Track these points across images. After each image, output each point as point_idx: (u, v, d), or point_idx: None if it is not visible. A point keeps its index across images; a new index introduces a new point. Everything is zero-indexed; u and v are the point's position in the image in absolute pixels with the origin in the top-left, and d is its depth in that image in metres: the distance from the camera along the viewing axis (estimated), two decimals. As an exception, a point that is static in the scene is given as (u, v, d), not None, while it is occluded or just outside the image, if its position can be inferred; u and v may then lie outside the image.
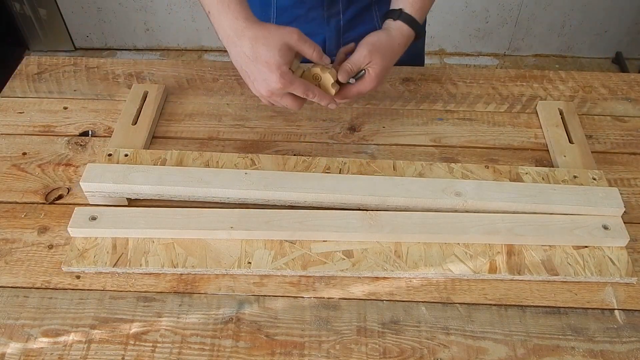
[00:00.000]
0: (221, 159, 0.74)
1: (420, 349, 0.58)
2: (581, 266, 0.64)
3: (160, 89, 0.86)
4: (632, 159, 0.79)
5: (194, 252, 0.65)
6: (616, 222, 0.66)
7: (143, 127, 0.80)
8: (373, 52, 0.71)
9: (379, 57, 0.71)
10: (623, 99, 0.89)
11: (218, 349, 0.57)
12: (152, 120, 0.81)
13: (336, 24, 0.93)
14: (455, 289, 0.63)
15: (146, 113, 0.82)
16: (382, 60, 0.71)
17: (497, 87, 0.91)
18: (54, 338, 0.58)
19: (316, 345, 0.58)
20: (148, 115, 0.82)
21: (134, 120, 0.81)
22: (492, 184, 0.70)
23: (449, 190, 0.68)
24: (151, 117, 0.81)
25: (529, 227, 0.66)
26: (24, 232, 0.68)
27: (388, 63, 0.73)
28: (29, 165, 0.76)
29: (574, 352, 0.58)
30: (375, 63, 0.71)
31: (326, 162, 0.74)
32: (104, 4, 2.21)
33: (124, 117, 0.81)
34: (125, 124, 0.80)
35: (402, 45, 0.74)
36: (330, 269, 0.63)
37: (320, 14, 0.92)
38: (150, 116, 0.81)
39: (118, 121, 0.81)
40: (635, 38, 2.26)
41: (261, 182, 0.69)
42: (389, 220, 0.66)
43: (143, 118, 0.81)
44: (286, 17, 0.93)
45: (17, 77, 0.91)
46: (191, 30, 2.30)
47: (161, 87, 0.87)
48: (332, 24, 0.93)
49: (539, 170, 0.73)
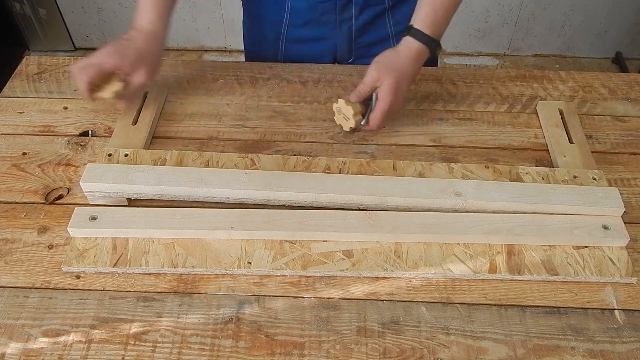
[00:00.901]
0: (221, 159, 0.74)
1: (420, 349, 0.58)
2: (581, 266, 0.64)
3: (160, 89, 0.86)
4: (632, 159, 0.79)
5: (194, 252, 0.65)
6: (616, 222, 0.66)
7: (143, 127, 0.80)
8: (380, 69, 0.74)
9: (387, 72, 0.74)
10: (623, 99, 0.89)
11: (218, 349, 0.57)
12: (152, 120, 0.81)
13: (348, 29, 0.93)
14: (455, 289, 0.63)
15: (146, 113, 0.82)
16: (391, 74, 0.73)
17: (497, 87, 0.91)
18: (54, 338, 0.58)
19: (316, 345, 0.58)
20: (148, 115, 0.82)
21: (134, 120, 0.81)
22: (492, 184, 0.70)
23: (449, 190, 0.68)
24: (151, 117, 0.81)
25: (529, 227, 0.66)
26: (24, 232, 0.68)
27: (398, 75, 0.74)
28: (29, 165, 0.76)
29: (574, 352, 0.58)
30: (385, 79, 0.74)
31: (326, 162, 0.74)
32: (104, 4, 2.21)
33: (124, 117, 0.81)
34: (125, 124, 0.80)
35: (410, 58, 0.75)
36: (330, 269, 0.63)
37: (332, 19, 0.92)
38: (150, 116, 0.81)
39: (118, 121, 0.81)
40: (635, 38, 2.26)
41: (261, 182, 0.69)
42: (389, 220, 0.66)
43: (143, 118, 0.81)
44: (299, 19, 0.93)
45: (17, 77, 0.91)
46: (191, 30, 2.30)
47: (162, 87, 0.87)
48: (344, 29, 0.93)
49: (539, 171, 0.73)
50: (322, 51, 0.97)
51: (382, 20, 0.93)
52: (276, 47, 0.98)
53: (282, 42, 0.97)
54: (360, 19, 0.92)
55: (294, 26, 0.94)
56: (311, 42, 0.97)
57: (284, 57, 1.00)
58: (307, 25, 0.94)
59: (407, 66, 0.75)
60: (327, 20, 0.92)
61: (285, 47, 0.98)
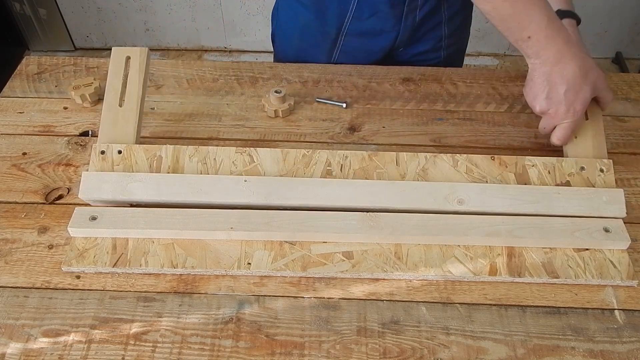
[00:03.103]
0: (218, 155, 0.72)
1: (420, 349, 0.58)
2: (582, 269, 0.64)
3: (143, 54, 0.76)
4: (632, 159, 0.79)
5: (193, 253, 0.65)
6: (617, 225, 0.66)
7: (132, 110, 0.73)
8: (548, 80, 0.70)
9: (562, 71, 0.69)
10: (623, 99, 0.89)
11: (218, 349, 0.57)
12: (139, 97, 0.73)
13: (412, 20, 0.93)
14: (456, 289, 0.63)
15: (132, 87, 0.74)
16: None
17: (497, 87, 0.91)
18: (54, 338, 0.58)
19: (316, 345, 0.58)
20: (135, 91, 0.74)
21: (120, 99, 0.73)
22: (496, 189, 0.68)
23: (451, 197, 0.68)
24: (138, 94, 0.73)
25: (529, 229, 0.65)
26: (24, 232, 0.68)
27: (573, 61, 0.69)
28: (29, 165, 0.76)
29: (574, 352, 0.58)
30: None
31: (327, 157, 0.72)
32: (104, 4, 2.21)
33: (109, 95, 0.74)
34: (112, 106, 0.73)
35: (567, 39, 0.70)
36: (330, 270, 0.63)
37: (400, 10, 0.91)
38: (137, 92, 0.73)
39: (104, 102, 0.74)
40: (635, 38, 2.26)
41: (261, 191, 0.68)
42: (389, 221, 0.66)
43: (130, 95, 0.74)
44: (366, 12, 0.92)
45: (17, 77, 0.91)
46: (191, 30, 2.30)
47: (144, 50, 0.76)
48: (409, 20, 0.93)
49: (545, 162, 0.72)
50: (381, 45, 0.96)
51: (438, 11, 0.94)
52: (335, 43, 0.97)
53: (342, 37, 0.96)
54: (424, 8, 0.92)
55: (357, 19, 0.93)
56: (370, 36, 0.95)
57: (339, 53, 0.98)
58: (373, 17, 0.93)
59: (573, 45, 0.70)
60: (395, 13, 0.91)
61: (344, 41, 0.96)
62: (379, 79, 0.91)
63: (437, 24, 0.96)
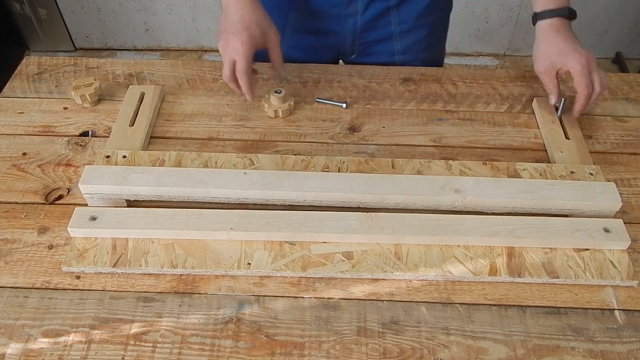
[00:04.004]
0: (220, 160, 0.74)
1: (420, 349, 0.58)
2: (582, 269, 0.64)
3: (157, 90, 0.86)
4: (632, 159, 0.79)
5: (193, 253, 0.65)
6: (617, 225, 0.66)
7: (140, 129, 0.80)
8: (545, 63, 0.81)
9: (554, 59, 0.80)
10: (623, 99, 0.89)
11: (218, 349, 0.57)
12: (149, 122, 0.81)
13: (353, 25, 0.93)
14: (455, 289, 0.63)
15: (143, 114, 0.82)
16: None
17: (497, 87, 0.91)
18: (54, 338, 0.58)
19: (316, 346, 0.58)
20: (145, 116, 0.82)
21: (131, 121, 0.81)
22: (491, 181, 0.69)
23: (447, 187, 0.68)
24: (148, 118, 0.81)
25: (529, 229, 0.65)
26: (24, 232, 0.68)
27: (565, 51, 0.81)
28: (29, 165, 0.76)
29: (574, 352, 0.58)
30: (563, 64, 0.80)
31: (325, 161, 0.74)
32: (104, 4, 2.21)
33: (121, 119, 0.81)
34: (122, 126, 0.80)
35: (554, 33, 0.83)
36: (330, 270, 0.63)
37: (339, 12, 0.92)
38: (148, 117, 0.81)
39: (115, 123, 0.81)
40: (635, 38, 2.26)
41: (260, 181, 0.69)
42: (388, 221, 0.66)
43: (140, 119, 0.81)
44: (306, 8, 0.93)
45: (17, 77, 0.91)
46: (191, 30, 2.30)
47: (158, 88, 0.86)
48: (349, 24, 0.93)
49: (536, 167, 0.73)
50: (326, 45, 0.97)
51: (386, 19, 0.93)
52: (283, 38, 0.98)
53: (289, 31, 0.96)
54: (366, 14, 0.92)
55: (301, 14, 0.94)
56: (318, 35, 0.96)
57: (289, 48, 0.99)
58: (313, 15, 0.93)
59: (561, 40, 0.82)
60: (335, 14, 0.92)
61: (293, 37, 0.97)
62: (379, 79, 0.92)
63: (387, 37, 0.96)
